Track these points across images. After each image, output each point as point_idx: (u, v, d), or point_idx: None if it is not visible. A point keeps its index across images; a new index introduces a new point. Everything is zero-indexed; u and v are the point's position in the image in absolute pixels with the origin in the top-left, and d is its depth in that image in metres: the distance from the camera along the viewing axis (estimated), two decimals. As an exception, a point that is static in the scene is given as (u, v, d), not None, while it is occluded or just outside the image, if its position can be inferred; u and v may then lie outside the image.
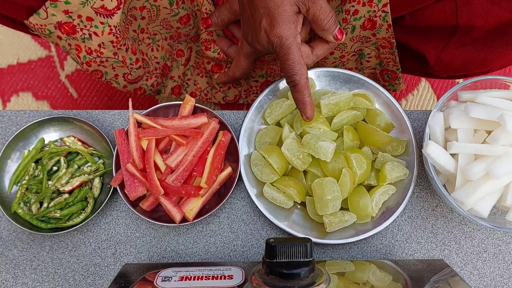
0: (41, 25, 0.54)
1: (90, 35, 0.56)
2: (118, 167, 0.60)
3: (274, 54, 0.55)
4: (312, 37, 0.63)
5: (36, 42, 1.08)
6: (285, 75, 0.55)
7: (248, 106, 1.07)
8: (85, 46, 0.58)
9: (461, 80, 1.11)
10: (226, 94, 0.79)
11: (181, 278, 0.50)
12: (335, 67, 0.73)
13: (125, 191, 0.59)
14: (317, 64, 0.71)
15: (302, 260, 0.48)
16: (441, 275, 0.56)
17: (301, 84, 0.54)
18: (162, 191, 0.58)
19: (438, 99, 1.09)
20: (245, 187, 0.63)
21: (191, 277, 0.50)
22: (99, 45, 0.58)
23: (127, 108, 0.63)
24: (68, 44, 0.57)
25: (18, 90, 1.05)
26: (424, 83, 1.09)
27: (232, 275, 0.50)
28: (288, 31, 0.53)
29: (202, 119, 0.61)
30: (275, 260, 0.47)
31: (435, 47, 0.64)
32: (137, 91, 0.71)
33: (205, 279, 0.49)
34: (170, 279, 0.50)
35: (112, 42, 0.58)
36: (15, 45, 1.08)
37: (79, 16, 0.54)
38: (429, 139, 0.58)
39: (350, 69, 0.74)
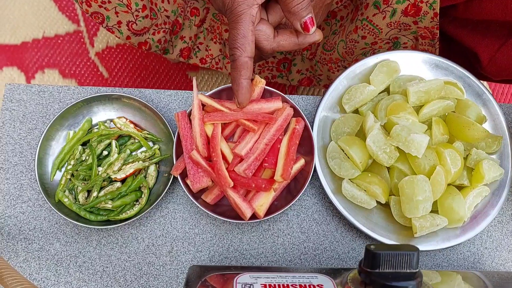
0: None
1: None
2: (178, 154, 0.53)
3: (226, 18, 0.47)
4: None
5: (63, 15, 1.00)
6: (228, 46, 0.47)
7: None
8: None
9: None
10: None
11: (264, 286, 0.43)
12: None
13: (187, 182, 0.52)
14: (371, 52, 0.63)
15: (409, 271, 0.41)
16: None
17: (239, 62, 0.46)
18: (232, 183, 0.50)
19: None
20: (316, 182, 0.57)
21: (274, 285, 0.43)
22: None
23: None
24: None
25: (44, 66, 0.97)
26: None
27: (322, 285, 0.43)
28: None
29: (276, 104, 0.53)
30: (377, 270, 0.41)
31: (489, 45, 0.56)
32: (142, 46, 0.63)
33: (292, 289, 0.42)
34: (252, 286, 0.43)
35: None
36: (41, 17, 0.99)
37: None
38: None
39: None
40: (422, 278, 0.42)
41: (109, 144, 0.55)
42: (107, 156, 0.54)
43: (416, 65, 0.58)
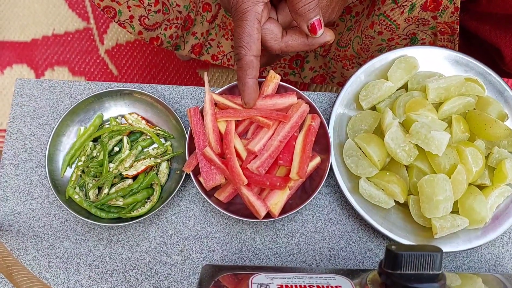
0: None
1: None
2: (190, 151, 0.52)
3: (231, 16, 0.46)
4: None
5: (73, 13, 0.99)
6: (233, 44, 0.46)
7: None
8: None
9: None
10: None
11: (280, 287, 0.41)
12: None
13: (200, 179, 0.51)
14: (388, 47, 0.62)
15: (432, 272, 0.39)
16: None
17: (244, 61, 0.45)
18: (246, 181, 0.49)
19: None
20: (332, 181, 0.55)
21: (291, 285, 0.42)
22: None
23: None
24: None
25: (53, 64, 0.96)
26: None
27: (340, 286, 0.42)
28: None
29: (290, 99, 0.52)
30: (399, 271, 0.39)
31: None
32: (154, 41, 0.62)
33: (309, 290, 0.41)
34: (268, 287, 0.41)
35: None
36: (51, 15, 0.99)
37: None
38: None
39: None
40: (446, 280, 0.40)
41: (121, 140, 0.54)
42: (118, 152, 0.53)
43: (435, 61, 0.56)
